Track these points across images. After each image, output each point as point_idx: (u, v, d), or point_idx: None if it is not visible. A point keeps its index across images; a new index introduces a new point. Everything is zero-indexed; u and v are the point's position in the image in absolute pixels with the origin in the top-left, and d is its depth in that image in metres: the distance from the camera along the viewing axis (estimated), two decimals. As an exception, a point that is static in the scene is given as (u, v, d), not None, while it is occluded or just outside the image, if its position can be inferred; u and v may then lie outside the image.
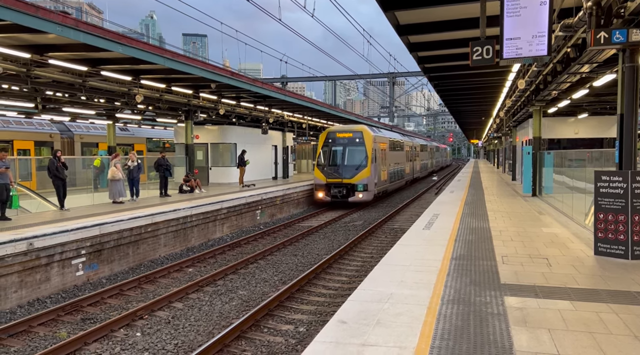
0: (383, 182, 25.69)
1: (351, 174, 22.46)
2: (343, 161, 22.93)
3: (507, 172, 34.98)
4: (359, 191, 22.34)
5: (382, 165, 25.58)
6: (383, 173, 25.66)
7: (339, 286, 10.23)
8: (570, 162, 14.16)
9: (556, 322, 5.02)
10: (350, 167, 22.70)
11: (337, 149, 23.36)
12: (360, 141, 22.99)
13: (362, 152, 22.81)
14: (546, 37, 7.02)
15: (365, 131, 23.24)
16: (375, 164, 23.30)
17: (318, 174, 23.09)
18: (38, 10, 9.24)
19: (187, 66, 14.33)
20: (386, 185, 26.74)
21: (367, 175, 22.47)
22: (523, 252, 8.41)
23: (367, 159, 22.62)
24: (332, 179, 22.65)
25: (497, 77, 17.67)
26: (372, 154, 22.86)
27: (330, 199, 22.75)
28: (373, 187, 23.12)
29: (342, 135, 23.44)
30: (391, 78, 47.21)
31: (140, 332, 7.68)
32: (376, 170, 23.65)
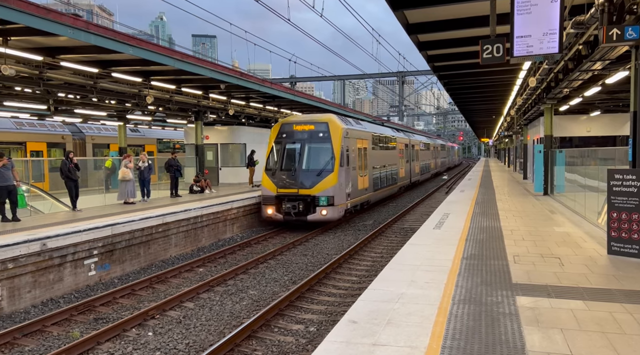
0: (362, 191, 19.59)
1: (311, 182, 16.38)
2: (300, 164, 16.84)
3: (518, 170, 34.71)
4: (321, 206, 16.21)
5: (361, 168, 19.61)
6: (362, 179, 19.63)
7: (349, 286, 10.22)
8: (583, 160, 14.01)
9: (569, 322, 4.97)
10: (310, 172, 16.66)
11: (293, 146, 17.29)
12: (324, 136, 17.05)
13: (326, 151, 16.87)
14: (557, 35, 6.96)
15: (331, 122, 17.33)
16: (346, 167, 17.37)
17: (266, 183, 16.95)
18: (49, 13, 9.35)
19: (197, 67, 14.41)
20: (367, 195, 20.48)
21: (333, 184, 16.36)
22: (535, 252, 8.34)
23: (333, 161, 16.64)
24: (285, 189, 16.56)
25: (508, 75, 17.54)
26: (342, 154, 16.98)
27: (282, 217, 16.52)
28: (343, 198, 17.06)
29: (300, 127, 17.50)
30: (400, 77, 47.08)
31: (152, 332, 7.74)
32: (348, 175, 17.55)
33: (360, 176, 19.31)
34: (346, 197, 17.35)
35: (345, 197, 17.23)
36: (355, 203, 18.69)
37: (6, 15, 8.44)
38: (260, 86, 18.71)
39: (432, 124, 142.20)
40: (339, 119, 18.15)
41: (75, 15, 10.80)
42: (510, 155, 47.64)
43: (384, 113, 77.67)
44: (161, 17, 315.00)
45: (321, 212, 16.25)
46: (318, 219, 16.41)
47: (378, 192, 22.70)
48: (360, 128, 20.52)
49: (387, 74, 48.04)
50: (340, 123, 17.73)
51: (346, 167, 17.31)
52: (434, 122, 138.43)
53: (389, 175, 25.23)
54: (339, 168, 16.65)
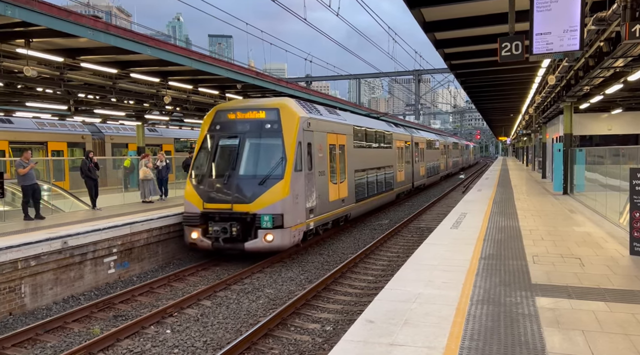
0: (336, 203, 14.75)
1: (250, 194, 11.66)
2: (235, 168, 12.02)
3: (537, 169, 34.24)
4: (264, 228, 11.42)
5: (336, 173, 14.91)
6: (336, 188, 14.80)
7: (365, 285, 10.20)
8: (604, 159, 13.77)
9: (590, 323, 4.89)
10: (250, 179, 11.89)
11: (228, 143, 12.55)
12: (273, 128, 12.27)
13: (275, 149, 12.14)
14: (578, 32, 6.84)
15: (284, 108, 12.50)
16: (307, 172, 12.62)
17: (190, 195, 12.25)
18: (70, 15, 9.51)
19: (214, 67, 14.52)
20: (344, 208, 15.58)
21: (283, 196, 11.57)
22: (554, 252, 8.23)
23: (284, 163, 11.86)
24: (214, 203, 11.91)
25: (526, 73, 17.30)
26: (300, 153, 12.26)
27: (210, 244, 11.78)
28: (300, 216, 12.28)
29: (239, 116, 12.65)
30: (417, 75, 46.79)
31: (170, 330, 7.83)
32: (310, 183, 12.87)
33: (333, 183, 14.54)
34: (306, 214, 12.59)
35: (304, 214, 12.44)
36: (324, 220, 13.87)
37: (29, 17, 8.62)
38: (276, 86, 18.77)
39: (449, 122, 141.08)
40: (299, 105, 13.25)
41: (95, 16, 10.97)
42: (528, 154, 47.04)
43: (400, 112, 77.27)
44: (178, 18, 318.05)
45: (265, 237, 11.35)
46: (260, 248, 11.48)
47: (363, 202, 17.72)
48: (333, 119, 15.34)
49: (403, 72, 47.77)
50: (299, 110, 12.83)
51: (307, 172, 12.57)
52: (450, 120, 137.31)
53: (381, 180, 20.53)
54: (292, 173, 11.78)
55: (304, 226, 12.57)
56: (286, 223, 11.61)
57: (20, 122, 20.66)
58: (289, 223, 11.73)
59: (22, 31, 10.33)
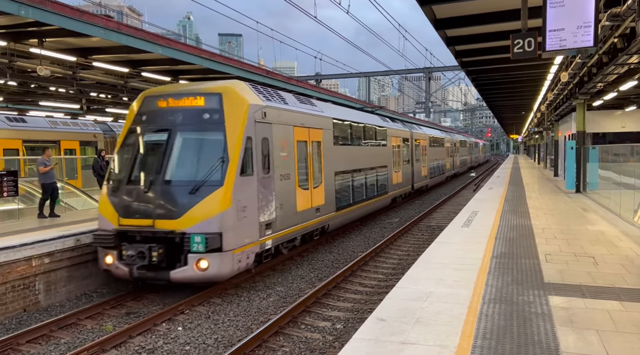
0: (306, 213, 12.04)
1: (177, 207, 8.97)
2: (160, 172, 9.27)
3: (549, 168, 33.93)
4: (196, 252, 8.64)
5: (307, 176, 12.21)
6: (307, 194, 12.09)
7: (375, 284, 10.19)
8: (617, 157, 13.61)
9: (605, 322, 4.84)
10: (178, 186, 9.17)
11: (154, 139, 9.80)
12: (212, 118, 9.56)
13: (214, 147, 9.46)
14: (592, 28, 6.76)
15: (229, 94, 9.71)
16: (261, 175, 9.98)
17: (104, 207, 9.54)
18: (83, 15, 9.60)
19: (224, 66, 14.58)
20: (320, 219, 12.93)
21: (223, 208, 8.88)
22: (567, 251, 8.15)
23: (225, 164, 9.17)
24: (132, 218, 9.16)
25: (538, 70, 17.14)
26: (249, 151, 9.58)
27: (127, 270, 8.98)
28: (251, 233, 9.58)
29: (172, 103, 9.80)
30: (427, 73, 46.54)
31: (182, 327, 7.88)
32: (268, 190, 10.21)
33: (303, 189, 11.86)
34: (260, 230, 9.80)
35: (255, 231, 9.64)
36: (288, 236, 11.13)
37: (42, 17, 8.71)
38: (286, 84, 18.80)
39: (460, 120, 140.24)
40: (252, 90, 10.33)
41: (107, 16, 11.07)
42: (540, 152, 46.61)
43: (410, 110, 76.89)
44: (188, 17, 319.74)
45: (197, 264, 8.58)
46: (191, 278, 8.74)
47: (347, 210, 15.00)
48: (304, 109, 12.45)
49: (413, 70, 47.51)
50: (251, 96, 9.99)
51: (261, 176, 9.87)
52: (461, 118, 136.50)
53: (372, 182, 17.88)
54: (236, 178, 9.03)
55: (256, 246, 9.69)
56: (226, 244, 8.74)
57: (34, 121, 20.90)
58: (231, 244, 8.84)
59: (35, 31, 10.45)
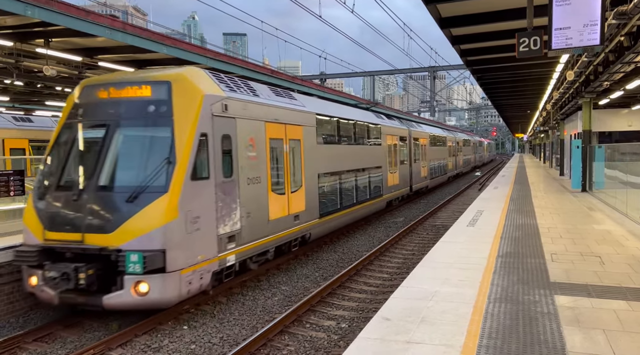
0: (281, 221, 10.65)
1: (111, 218, 7.41)
2: (94, 175, 7.74)
3: (554, 167, 33.79)
4: (133, 273, 7.09)
5: (277, 179, 10.61)
6: (279, 201, 10.57)
7: (380, 283, 10.18)
8: (623, 156, 13.53)
9: (611, 322, 4.81)
10: (113, 193, 7.64)
11: (91, 136, 8.17)
12: (159, 112, 7.95)
13: (159, 146, 7.87)
14: (599, 26, 6.72)
15: (180, 82, 8.12)
16: (221, 180, 8.53)
17: (29, 218, 7.95)
18: (89, 15, 9.64)
19: (229, 65, 14.60)
20: (299, 228, 11.52)
21: (166, 220, 7.31)
22: (573, 250, 8.11)
23: (171, 167, 7.61)
24: (58, 232, 7.58)
25: (544, 68, 17.06)
26: (202, 151, 8.09)
27: (52, 293, 7.40)
28: (205, 250, 8.07)
29: (114, 93, 8.24)
30: (432, 72, 46.44)
31: (187, 326, 7.91)
32: (226, 197, 8.65)
33: (277, 194, 10.47)
34: (220, 244, 8.36)
35: (213, 245, 8.21)
36: (258, 249, 9.76)
37: (48, 17, 8.76)
38: (290, 83, 18.81)
39: (465, 119, 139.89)
40: (211, 79, 8.83)
41: (113, 16, 11.11)
42: (545, 151, 46.43)
43: (415, 109, 76.65)
44: (193, 17, 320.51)
45: (135, 287, 7.18)
46: (128, 305, 7.30)
47: (332, 217, 13.59)
48: (280, 103, 10.82)
49: (418, 69, 47.43)
50: (208, 85, 8.47)
51: (220, 180, 8.41)
52: (466, 117, 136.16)
53: (364, 184, 16.50)
54: (186, 183, 7.59)
55: (214, 263, 8.24)
56: (171, 263, 7.27)
57: (40, 121, 20.99)
58: (177, 263, 7.37)
59: (41, 31, 10.51)
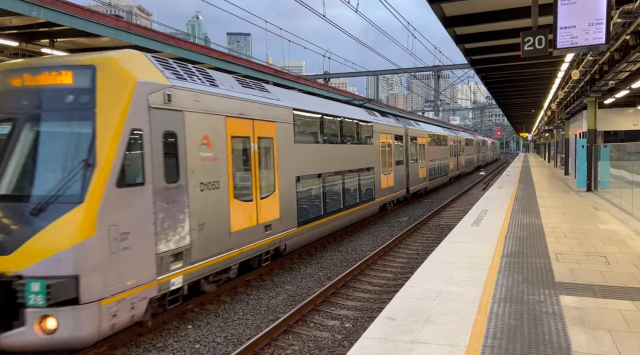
0: (235, 236, 8.83)
1: (10, 236, 5.83)
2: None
3: (559, 166, 33.65)
4: (36, 306, 5.55)
5: (243, 183, 9.23)
6: (245, 209, 9.16)
7: (384, 283, 10.17)
8: (629, 155, 13.47)
9: (617, 322, 4.79)
10: (15, 204, 6.11)
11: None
12: (78, 102, 6.36)
13: (77, 145, 6.30)
14: (604, 25, 6.68)
15: (107, 66, 6.46)
16: (162, 186, 6.96)
17: None
18: (93, 15, 9.68)
19: (233, 65, 14.62)
20: (268, 240, 10.06)
21: (79, 239, 5.73)
22: (579, 250, 8.08)
23: (90, 172, 6.06)
24: None
25: (549, 67, 16.99)
26: (134, 150, 6.55)
27: None
28: (138, 274, 6.49)
29: (29, 81, 6.57)
30: (436, 71, 46.31)
31: (192, 325, 7.93)
32: (170, 207, 7.10)
33: (242, 201, 9.05)
34: (159, 265, 6.90)
35: (150, 267, 6.75)
36: (215, 266, 8.29)
37: (54, 17, 8.79)
38: (294, 83, 18.81)
39: (469, 118, 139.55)
40: (153, 63, 7.32)
41: (117, 16, 11.14)
42: (550, 151, 46.25)
43: (419, 108, 76.46)
44: (197, 16, 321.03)
45: (41, 324, 5.70)
46: (33, 345, 5.79)
47: (313, 224, 12.23)
48: (246, 95, 9.41)
49: (422, 68, 47.28)
50: (143, 70, 6.93)
51: (161, 186, 6.97)
52: (470, 116, 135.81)
53: (353, 188, 15.04)
54: (109, 190, 6.19)
55: (152, 288, 6.70)
56: (87, 293, 5.78)
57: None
58: (97, 292, 5.88)
59: (46, 31, 10.54)
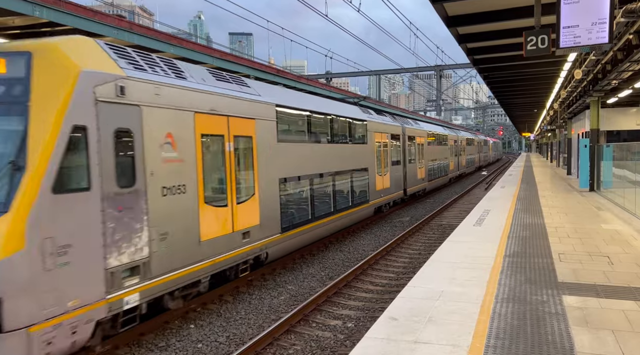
0: (205, 245, 7.91)
1: None
2: None
3: (562, 166, 33.58)
4: None
5: (218, 186, 8.47)
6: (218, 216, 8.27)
7: (386, 283, 10.16)
8: (632, 155, 13.43)
9: (620, 322, 4.78)
10: None
11: None
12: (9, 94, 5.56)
13: (6, 144, 5.40)
14: (607, 24, 6.66)
15: (46, 53, 5.65)
16: (113, 192, 6.12)
17: None
18: (96, 15, 9.69)
19: (235, 65, 14.62)
20: (247, 248, 9.22)
21: (6, 252, 4.90)
22: (581, 250, 8.06)
23: (18, 176, 5.21)
24: None
25: (552, 67, 16.95)
26: (73, 149, 5.66)
27: None
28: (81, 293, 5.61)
29: None
30: (438, 71, 46.23)
31: (194, 325, 7.93)
32: (123, 215, 6.23)
33: (215, 206, 8.24)
34: (111, 282, 6.09)
35: (98, 284, 5.89)
36: (184, 280, 7.51)
37: (56, 17, 8.80)
38: (296, 83, 18.80)
39: (471, 118, 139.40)
40: (104, 50, 6.52)
41: (120, 16, 11.15)
42: (552, 150, 46.16)
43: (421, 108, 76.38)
44: (199, 16, 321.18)
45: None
46: None
47: (298, 230, 11.36)
48: (219, 89, 8.59)
49: (425, 67, 47.22)
50: (90, 58, 6.07)
51: (112, 191, 6.14)
52: (472, 116, 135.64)
53: (344, 190, 14.26)
54: (42, 197, 5.29)
55: (99, 309, 5.89)
56: (12, 318, 5.04)
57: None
58: (25, 317, 5.13)
59: (49, 31, 10.55)
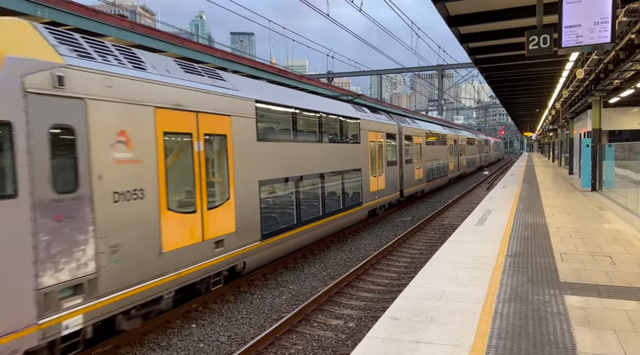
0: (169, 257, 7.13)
1: None
2: None
3: (564, 166, 33.54)
4: None
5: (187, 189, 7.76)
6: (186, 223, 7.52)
7: (387, 282, 10.16)
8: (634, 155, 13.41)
9: (623, 322, 4.77)
10: None
11: None
12: None
13: None
14: (610, 24, 6.64)
15: None
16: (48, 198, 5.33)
17: None
18: (97, 15, 9.70)
19: (237, 64, 14.63)
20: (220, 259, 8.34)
21: None
22: (583, 250, 8.04)
23: None
24: None
25: (553, 66, 16.90)
26: None
27: None
28: None
29: None
30: (440, 70, 46.19)
31: (196, 324, 7.94)
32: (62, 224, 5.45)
33: (180, 212, 7.52)
34: (43, 305, 5.31)
35: (26, 309, 5.15)
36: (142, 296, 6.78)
37: (58, 17, 8.82)
38: (297, 82, 18.81)
39: (473, 118, 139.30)
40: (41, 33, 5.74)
41: (121, 16, 11.17)
42: (554, 150, 46.09)
43: (422, 107, 76.31)
44: (201, 16, 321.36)
45: None
46: None
47: (281, 237, 10.54)
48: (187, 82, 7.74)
49: (426, 67, 47.20)
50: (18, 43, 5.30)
51: (45, 198, 5.33)
52: (474, 116, 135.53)
53: (335, 192, 13.49)
54: None
55: (27, 337, 5.21)
56: None
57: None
58: None
59: (51, 31, 10.58)
